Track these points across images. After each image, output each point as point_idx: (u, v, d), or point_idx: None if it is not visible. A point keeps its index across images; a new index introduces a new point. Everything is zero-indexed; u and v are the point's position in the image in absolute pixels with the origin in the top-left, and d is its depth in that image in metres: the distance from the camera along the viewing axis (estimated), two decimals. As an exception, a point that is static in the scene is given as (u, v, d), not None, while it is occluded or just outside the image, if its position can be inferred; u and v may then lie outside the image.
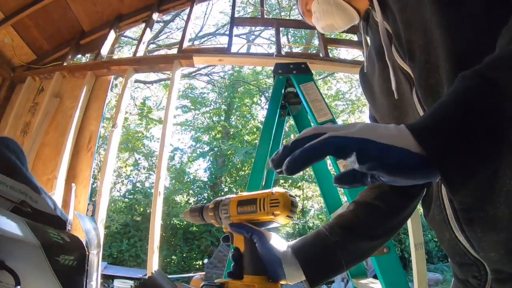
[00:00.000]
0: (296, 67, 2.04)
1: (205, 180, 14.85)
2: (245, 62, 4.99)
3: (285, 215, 0.75)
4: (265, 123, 1.93)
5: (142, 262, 10.65)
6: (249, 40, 15.52)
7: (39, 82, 4.02)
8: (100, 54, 4.07)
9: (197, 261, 11.98)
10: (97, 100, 3.90)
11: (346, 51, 13.22)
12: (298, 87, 1.90)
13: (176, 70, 3.80)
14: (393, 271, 1.24)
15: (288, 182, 14.76)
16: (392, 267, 1.24)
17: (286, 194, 0.76)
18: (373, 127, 0.49)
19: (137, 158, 15.26)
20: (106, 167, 3.45)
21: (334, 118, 1.70)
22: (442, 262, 10.20)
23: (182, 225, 12.44)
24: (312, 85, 1.88)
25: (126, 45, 13.34)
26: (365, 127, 0.49)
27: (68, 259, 0.86)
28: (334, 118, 1.70)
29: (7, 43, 3.90)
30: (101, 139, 10.57)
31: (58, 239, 0.86)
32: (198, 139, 15.89)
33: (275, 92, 2.00)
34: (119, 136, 3.76)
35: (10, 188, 0.89)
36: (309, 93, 1.83)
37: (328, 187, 2.15)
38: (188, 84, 16.42)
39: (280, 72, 2.05)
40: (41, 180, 3.37)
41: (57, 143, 3.58)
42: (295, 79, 1.97)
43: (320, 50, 4.14)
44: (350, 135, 0.48)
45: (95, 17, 4.37)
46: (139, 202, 12.93)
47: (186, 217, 0.97)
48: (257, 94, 16.22)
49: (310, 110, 1.73)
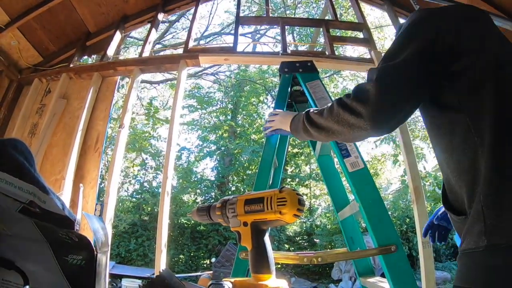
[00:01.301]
0: (302, 66, 2.02)
1: (212, 179, 14.84)
2: (251, 61, 5.00)
3: (292, 214, 0.75)
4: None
5: (150, 261, 10.67)
6: (254, 39, 15.50)
7: (46, 83, 4.05)
8: (106, 55, 4.09)
9: (205, 260, 11.97)
10: (104, 100, 3.92)
11: (352, 48, 13.13)
12: (304, 86, 1.88)
13: (182, 70, 3.81)
14: (401, 270, 1.23)
15: (295, 181, 14.71)
16: (400, 266, 1.23)
17: (293, 192, 0.76)
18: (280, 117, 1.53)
19: (144, 158, 15.27)
20: (114, 167, 3.46)
21: None
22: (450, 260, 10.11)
23: (190, 224, 12.45)
24: (318, 83, 1.87)
25: (132, 45, 13.37)
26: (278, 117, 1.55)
27: (76, 259, 0.86)
28: None
29: (13, 46, 3.93)
30: (108, 140, 10.61)
31: (67, 239, 0.86)
32: (205, 139, 15.87)
33: (281, 90, 1.99)
34: (126, 136, 3.77)
35: (19, 189, 0.90)
36: (316, 91, 1.82)
37: (335, 185, 2.15)
38: (195, 84, 16.45)
39: (286, 70, 2.03)
40: (49, 180, 3.39)
41: (65, 144, 3.61)
42: (301, 77, 1.96)
43: (326, 48, 4.12)
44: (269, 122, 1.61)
45: (101, 18, 4.39)
46: (147, 202, 12.95)
47: (193, 217, 0.97)
48: (264, 93, 16.18)
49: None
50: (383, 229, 1.33)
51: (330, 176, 2.20)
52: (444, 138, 1.01)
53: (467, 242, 0.88)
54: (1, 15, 3.67)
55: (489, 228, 0.81)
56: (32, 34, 4.01)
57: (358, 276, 1.92)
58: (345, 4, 12.06)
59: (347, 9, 12.02)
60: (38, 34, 4.06)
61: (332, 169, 2.22)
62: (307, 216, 13.21)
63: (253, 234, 0.82)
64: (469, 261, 0.88)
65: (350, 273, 9.14)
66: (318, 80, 1.90)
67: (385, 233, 1.31)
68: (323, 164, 2.22)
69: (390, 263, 1.24)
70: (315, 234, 12.42)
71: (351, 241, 1.97)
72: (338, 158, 1.53)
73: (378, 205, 1.39)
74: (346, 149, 1.54)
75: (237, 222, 0.84)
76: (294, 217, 0.75)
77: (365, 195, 1.41)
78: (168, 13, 4.82)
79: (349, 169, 1.48)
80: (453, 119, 0.97)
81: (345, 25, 5.16)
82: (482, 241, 0.81)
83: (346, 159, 1.49)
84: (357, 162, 1.49)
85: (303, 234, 13.03)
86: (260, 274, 0.78)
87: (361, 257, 1.83)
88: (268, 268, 0.79)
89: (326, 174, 2.21)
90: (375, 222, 1.34)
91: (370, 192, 1.42)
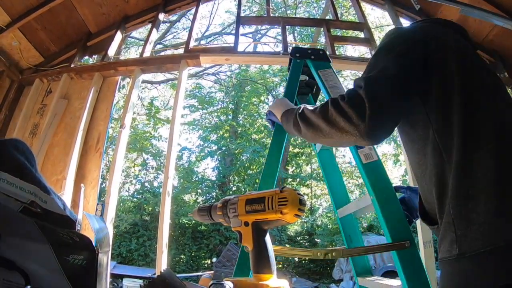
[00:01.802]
0: (314, 53, 1.92)
1: (213, 179, 14.86)
2: (251, 61, 5.00)
3: (293, 214, 0.75)
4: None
5: (151, 261, 10.69)
6: (255, 39, 15.51)
7: (47, 84, 4.05)
8: (107, 55, 4.09)
9: (206, 260, 11.99)
10: (105, 101, 3.92)
11: (352, 48, 13.13)
12: (316, 73, 1.80)
13: (183, 70, 3.81)
14: (415, 266, 1.20)
15: (296, 181, 14.73)
16: (413, 262, 1.21)
17: (294, 192, 0.76)
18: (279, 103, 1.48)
19: (145, 158, 15.32)
20: (115, 167, 3.47)
21: None
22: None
23: (191, 224, 12.47)
24: (331, 72, 1.78)
25: (133, 46, 13.37)
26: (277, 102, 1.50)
27: (77, 259, 0.86)
28: None
29: (14, 46, 3.93)
30: (109, 140, 10.63)
31: (68, 239, 0.87)
32: (206, 139, 15.89)
33: (292, 76, 1.86)
34: (127, 136, 3.77)
35: (20, 189, 0.90)
36: (328, 79, 1.74)
37: (335, 182, 2.10)
38: (196, 84, 16.47)
39: (298, 56, 1.92)
40: (50, 180, 3.39)
41: (66, 144, 3.61)
42: (313, 64, 1.86)
43: (326, 48, 4.12)
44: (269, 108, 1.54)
45: (102, 19, 4.39)
46: (148, 202, 12.98)
47: (194, 217, 0.97)
48: (264, 92, 16.20)
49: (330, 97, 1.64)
50: (397, 224, 1.28)
51: (330, 172, 2.12)
52: (418, 154, 1.08)
53: (442, 251, 0.94)
54: (2, 16, 3.67)
55: (460, 238, 0.87)
56: (33, 35, 4.02)
57: (356, 276, 1.90)
58: (345, 3, 12.06)
59: (347, 8, 12.04)
60: (39, 34, 4.06)
61: (332, 165, 2.15)
62: (308, 216, 13.21)
63: (254, 234, 0.82)
64: (444, 269, 0.94)
65: (351, 273, 9.13)
66: (330, 69, 1.81)
67: (399, 228, 1.26)
68: (323, 159, 2.13)
69: (404, 259, 1.21)
70: (316, 234, 12.44)
71: (349, 239, 1.91)
72: (351, 149, 1.45)
73: (392, 199, 1.34)
74: (360, 139, 1.47)
75: (238, 222, 0.84)
76: (295, 217, 0.75)
77: (379, 188, 1.35)
78: (169, 13, 4.83)
79: (363, 160, 1.41)
80: (423, 135, 1.03)
81: (346, 24, 5.16)
82: (454, 249, 0.88)
83: (360, 150, 1.42)
84: (371, 154, 1.42)
85: (304, 234, 13.05)
86: (261, 274, 0.78)
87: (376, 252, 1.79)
88: (269, 268, 0.79)
89: (327, 170, 2.12)
90: (389, 217, 1.30)
91: (384, 185, 1.37)
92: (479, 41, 4.27)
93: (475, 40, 4.35)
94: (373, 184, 1.37)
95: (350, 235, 1.94)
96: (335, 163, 2.18)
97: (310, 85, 2.14)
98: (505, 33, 3.90)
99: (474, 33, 4.21)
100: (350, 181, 14.58)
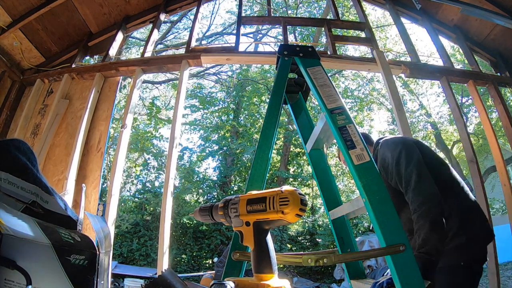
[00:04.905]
0: (303, 50, 1.85)
1: (214, 179, 14.83)
2: (252, 61, 4.99)
3: (295, 213, 0.75)
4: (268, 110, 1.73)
5: (152, 261, 10.69)
6: (256, 39, 15.49)
7: (48, 84, 4.06)
8: (108, 56, 4.10)
9: (207, 260, 11.97)
10: (106, 101, 3.93)
11: (353, 48, 13.11)
12: (305, 71, 1.72)
13: (184, 70, 3.81)
14: (410, 271, 1.16)
15: (297, 181, 14.71)
16: (409, 266, 1.16)
17: (296, 192, 0.76)
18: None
19: (147, 158, 15.30)
20: (116, 167, 3.47)
21: (344, 105, 1.52)
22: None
23: (192, 224, 12.45)
24: (320, 69, 1.71)
25: (134, 46, 13.35)
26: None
27: (79, 259, 0.86)
28: (343, 105, 1.52)
29: (16, 46, 3.94)
30: (110, 140, 10.63)
31: (69, 239, 0.87)
32: (207, 138, 15.87)
33: (280, 75, 1.80)
34: (128, 136, 3.78)
35: (21, 189, 0.90)
36: (317, 77, 1.66)
37: (326, 183, 2.02)
38: (197, 84, 16.44)
39: (286, 53, 1.85)
40: (51, 181, 3.40)
41: (67, 144, 3.61)
42: (301, 62, 1.79)
43: (328, 48, 4.12)
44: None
45: (103, 19, 4.39)
46: (149, 202, 12.96)
47: (195, 216, 0.97)
48: (266, 92, 16.16)
49: (319, 96, 1.56)
50: (391, 227, 1.23)
51: (321, 173, 2.08)
52: (400, 210, 1.84)
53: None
54: (3, 16, 3.68)
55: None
56: (34, 35, 4.02)
57: (348, 279, 1.86)
58: (346, 3, 12.03)
59: (348, 8, 12.01)
60: (40, 35, 4.06)
61: (324, 165, 2.10)
62: (309, 215, 13.20)
63: (256, 234, 0.81)
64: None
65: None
66: (320, 67, 1.74)
67: (393, 231, 1.22)
68: (314, 159, 2.10)
69: (398, 264, 1.17)
70: (318, 234, 12.40)
71: (342, 242, 1.89)
72: (342, 150, 1.39)
73: (386, 201, 1.27)
74: (351, 140, 1.41)
75: (240, 222, 0.84)
76: (297, 217, 0.75)
77: (372, 190, 1.29)
78: (170, 13, 4.83)
79: (354, 161, 1.35)
80: (402, 201, 1.76)
81: (347, 24, 5.15)
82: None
83: (351, 151, 1.34)
84: (363, 155, 1.36)
85: (306, 234, 13.01)
86: (262, 274, 0.78)
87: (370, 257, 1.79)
88: (270, 268, 0.79)
89: (318, 170, 2.08)
90: (383, 220, 1.24)
91: (377, 187, 1.30)
92: (480, 41, 4.27)
93: (476, 40, 4.35)
94: (365, 186, 1.31)
95: (342, 237, 1.89)
96: (326, 164, 2.12)
97: (300, 83, 2.11)
98: (506, 32, 3.90)
99: (475, 32, 4.21)
100: (350, 181, 14.54)
